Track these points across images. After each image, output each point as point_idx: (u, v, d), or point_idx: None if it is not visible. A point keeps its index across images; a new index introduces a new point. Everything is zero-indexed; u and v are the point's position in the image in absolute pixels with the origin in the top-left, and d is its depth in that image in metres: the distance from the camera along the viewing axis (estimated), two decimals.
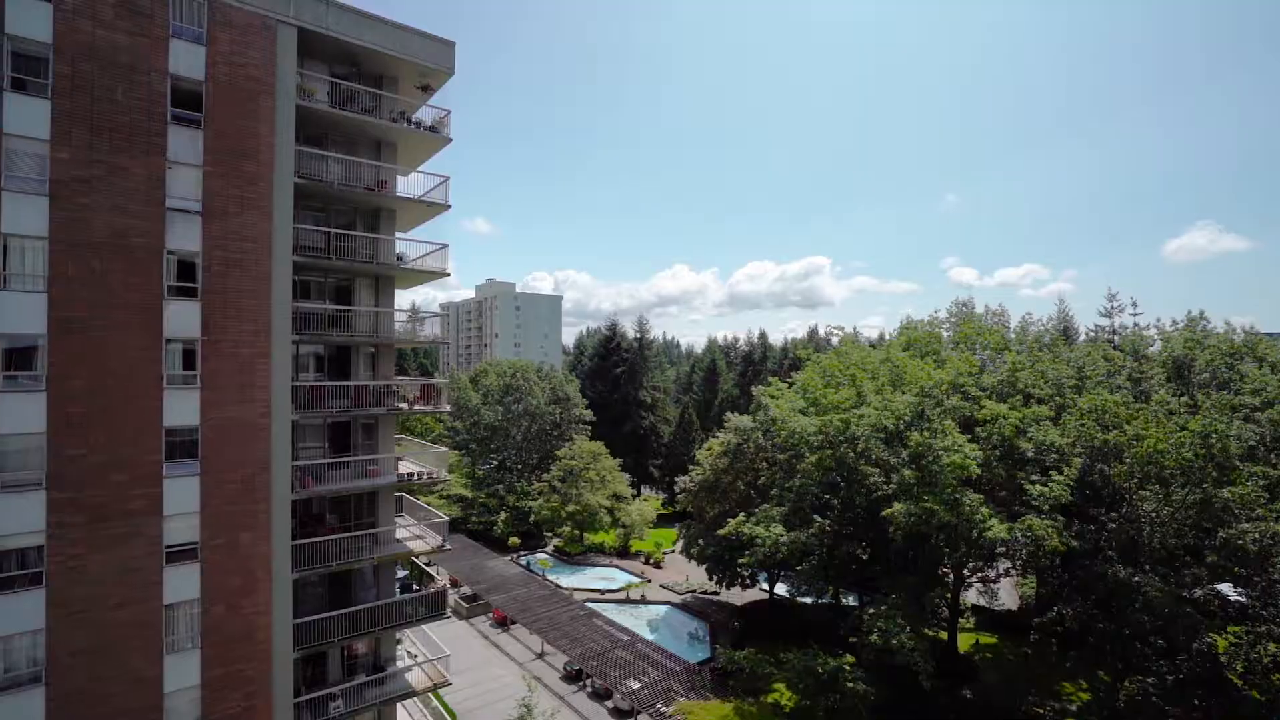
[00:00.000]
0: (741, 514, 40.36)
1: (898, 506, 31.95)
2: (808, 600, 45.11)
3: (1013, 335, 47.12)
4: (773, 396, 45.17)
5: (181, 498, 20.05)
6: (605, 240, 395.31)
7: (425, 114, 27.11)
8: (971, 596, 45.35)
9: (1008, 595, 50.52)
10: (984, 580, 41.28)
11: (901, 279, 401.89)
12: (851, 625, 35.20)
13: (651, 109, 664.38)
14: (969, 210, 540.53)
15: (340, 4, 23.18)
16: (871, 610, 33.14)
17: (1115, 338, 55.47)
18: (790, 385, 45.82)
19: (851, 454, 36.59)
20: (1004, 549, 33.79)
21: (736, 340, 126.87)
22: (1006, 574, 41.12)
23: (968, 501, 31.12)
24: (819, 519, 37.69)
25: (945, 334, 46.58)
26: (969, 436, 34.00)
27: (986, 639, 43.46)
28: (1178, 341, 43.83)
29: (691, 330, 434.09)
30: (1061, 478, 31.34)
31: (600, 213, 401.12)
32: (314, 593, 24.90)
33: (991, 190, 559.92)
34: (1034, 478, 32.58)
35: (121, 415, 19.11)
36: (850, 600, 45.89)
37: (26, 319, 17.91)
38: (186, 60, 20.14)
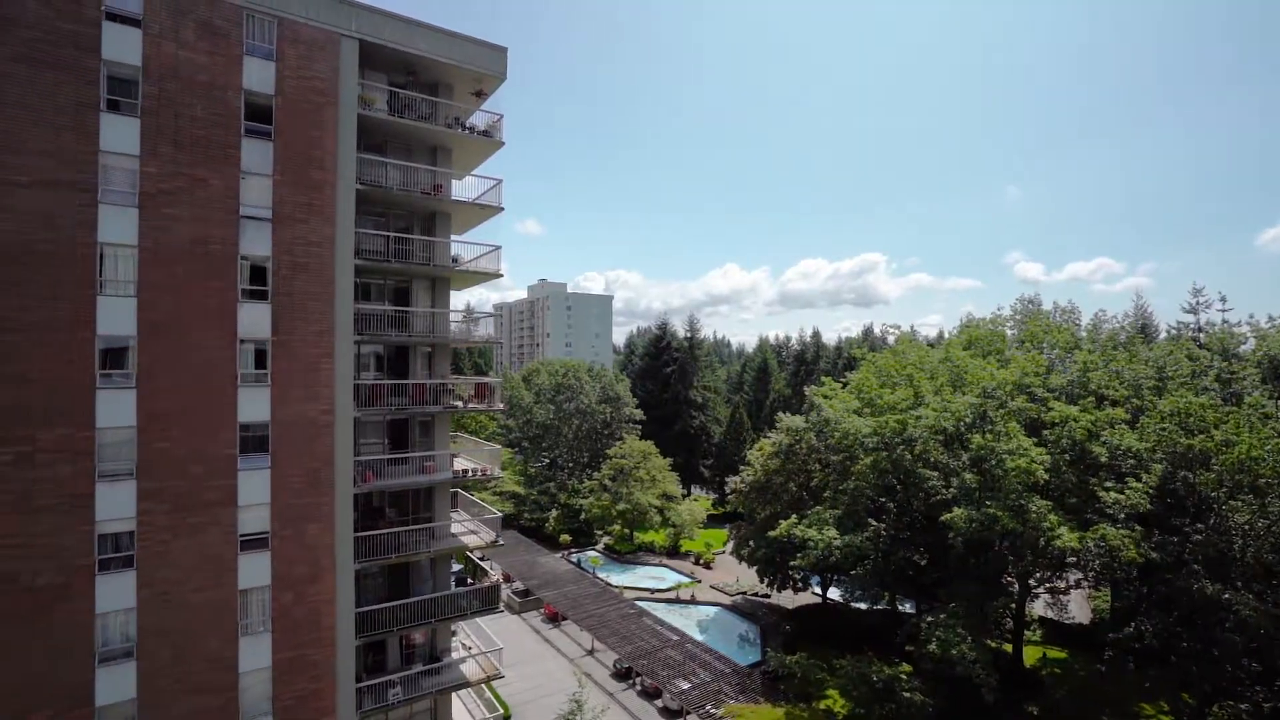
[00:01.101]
0: (793, 516, 39.69)
1: (958, 512, 30.76)
2: (862, 606, 43.96)
3: (1084, 333, 44.60)
4: (826, 397, 44.24)
5: (254, 490, 21.24)
6: (655, 240, 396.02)
7: (478, 119, 27.81)
8: (1038, 608, 43.19)
9: (1079, 608, 47.87)
10: (1053, 591, 39.21)
11: (961, 275, 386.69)
12: (908, 633, 34.09)
13: (700, 106, 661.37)
14: (1033, 203, 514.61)
15: (398, 15, 24.03)
16: (930, 619, 32.00)
17: (1201, 335, 51.73)
18: (844, 385, 44.77)
19: (908, 456, 35.45)
20: (1075, 559, 32.03)
21: (788, 339, 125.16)
22: (1078, 585, 38.88)
23: (1034, 508, 29.66)
24: (874, 523, 36.69)
25: (1009, 332, 44.50)
26: (1035, 440, 32.40)
27: (1055, 653, 41.32)
28: (1276, 340, 40.48)
29: (742, 329, 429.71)
30: (1140, 485, 29.49)
31: (650, 212, 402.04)
32: (374, 583, 25.91)
33: (1057, 181, 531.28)
34: (1108, 484, 30.78)
35: (201, 411, 20.39)
36: (907, 607, 44.49)
37: (120, 322, 19.32)
38: (258, 76, 21.31)
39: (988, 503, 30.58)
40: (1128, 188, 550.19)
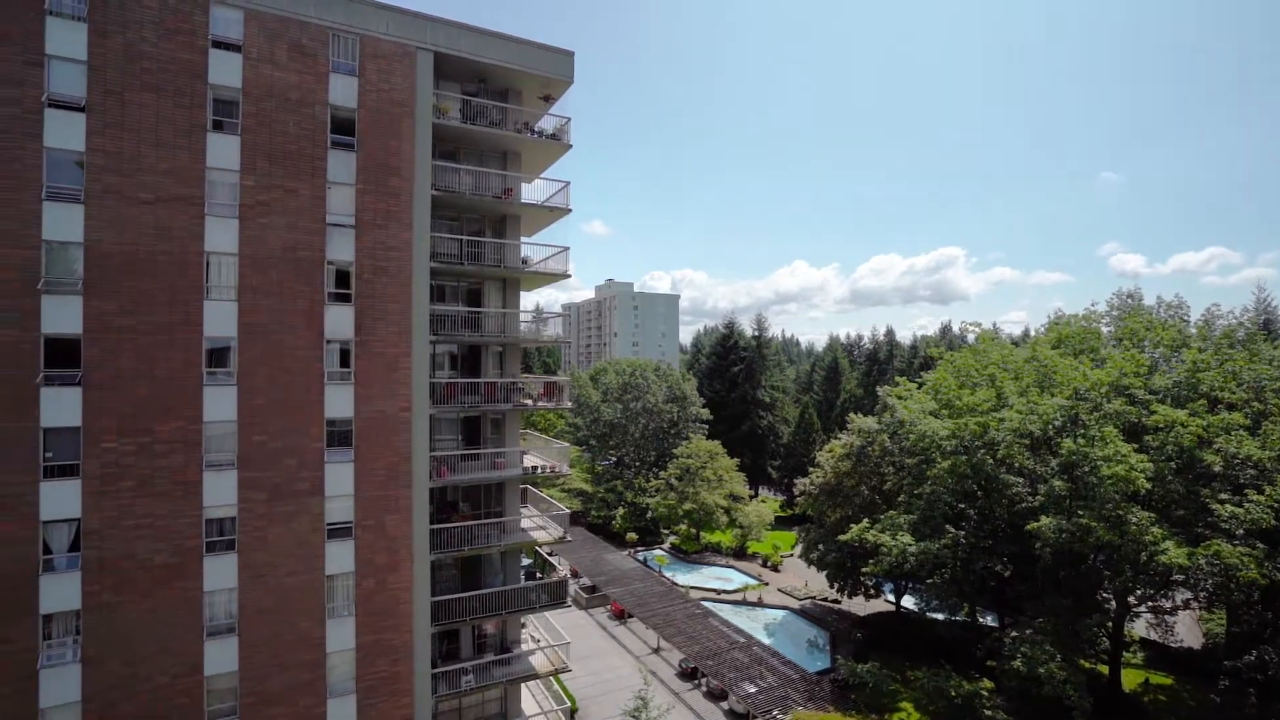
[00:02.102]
0: (865, 520, 38.42)
1: (1046, 521, 28.87)
2: (939, 616, 42.03)
3: (1193, 330, 40.81)
4: (900, 397, 42.56)
5: (339, 482, 22.57)
6: (722, 238, 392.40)
7: (547, 123, 28.41)
8: (1140, 628, 39.90)
9: (1188, 631, 43.93)
10: (1156, 611, 36.10)
11: (1049, 269, 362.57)
12: (990, 647, 32.30)
13: (766, 102, 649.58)
14: (1132, 189, 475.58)
15: (471, 26, 24.91)
16: (1014, 633, 30.24)
17: None
18: (920, 385, 42.93)
19: (990, 461, 33.58)
20: (1183, 577, 29.39)
21: (860, 338, 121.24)
22: (1186, 606, 35.65)
23: (1134, 519, 27.45)
24: (952, 530, 34.97)
25: (1105, 329, 41.27)
26: (1135, 446, 29.94)
27: (1159, 679, 38.08)
28: None
29: (811, 328, 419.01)
30: (1261, 498, 26.75)
31: (717, 211, 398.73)
32: (448, 574, 26.97)
33: (1160, 165, 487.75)
34: (1222, 496, 28.06)
35: (292, 407, 21.86)
36: (989, 620, 42.22)
37: (222, 324, 20.99)
38: (342, 91, 22.62)
39: (1080, 512, 28.54)
40: (1247, 167, 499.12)
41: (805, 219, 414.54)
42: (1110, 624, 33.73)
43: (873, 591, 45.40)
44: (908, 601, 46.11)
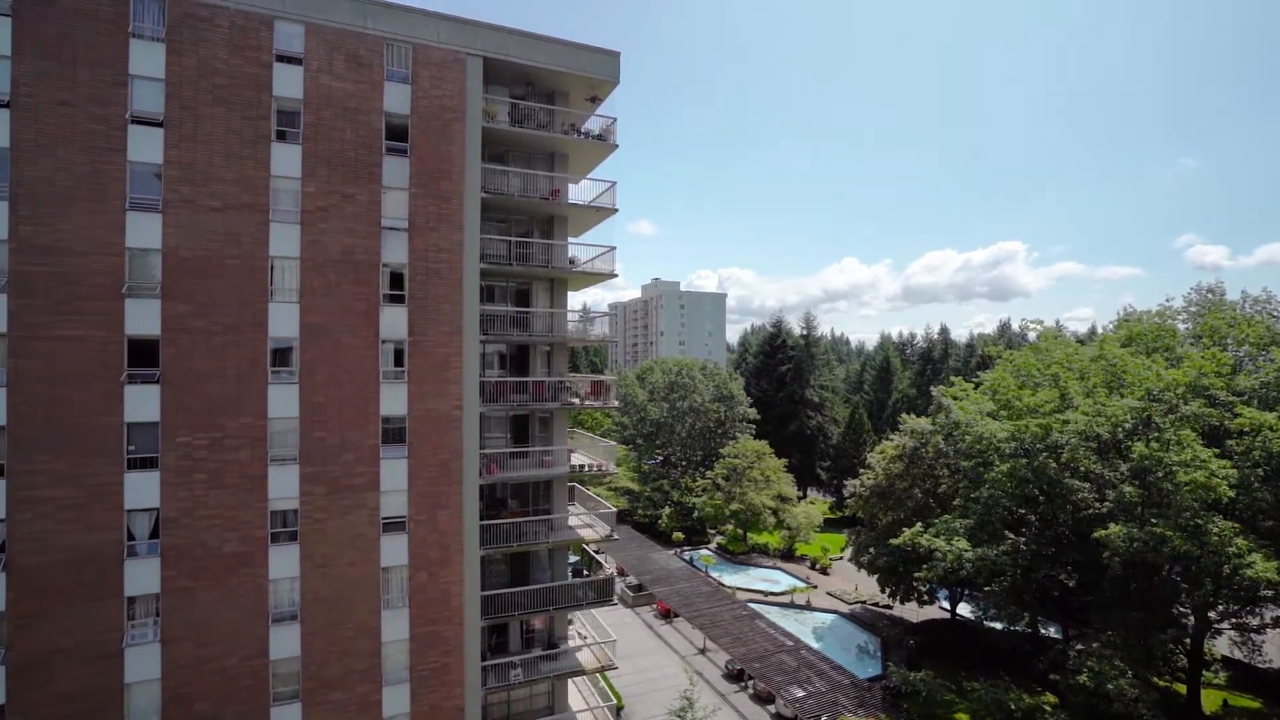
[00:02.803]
0: (918, 524, 37.28)
1: (1115, 529, 27.38)
2: (997, 625, 40.38)
3: None
4: (955, 398, 41.11)
5: (394, 477, 23.33)
6: (770, 236, 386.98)
7: (593, 123, 28.63)
8: (1222, 646, 37.36)
9: (1279, 651, 40.88)
10: (1241, 628, 33.72)
11: (1118, 263, 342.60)
12: (1054, 660, 30.83)
13: (815, 96, 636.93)
14: (1214, 176, 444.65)
15: (519, 31, 25.32)
16: (1081, 646, 28.80)
17: None
18: (976, 386, 41.34)
19: (1053, 465, 32.04)
20: (1272, 592, 27.39)
21: (913, 337, 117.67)
22: (1277, 624, 33.19)
23: (1215, 529, 25.73)
24: (1012, 536, 33.55)
25: (1181, 326, 38.80)
26: (1216, 451, 28.05)
27: (1244, 701, 35.58)
28: None
29: (862, 326, 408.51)
30: None
31: (763, 209, 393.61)
32: (497, 570, 27.53)
33: (1245, 149, 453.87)
34: None
35: (350, 404, 22.72)
36: (1051, 631, 40.36)
37: (285, 324, 21.99)
38: (396, 98, 23.35)
39: (1153, 520, 26.97)
40: None
41: (856, 215, 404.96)
42: (1188, 640, 31.71)
43: (926, 598, 44.03)
44: (964, 609, 44.52)
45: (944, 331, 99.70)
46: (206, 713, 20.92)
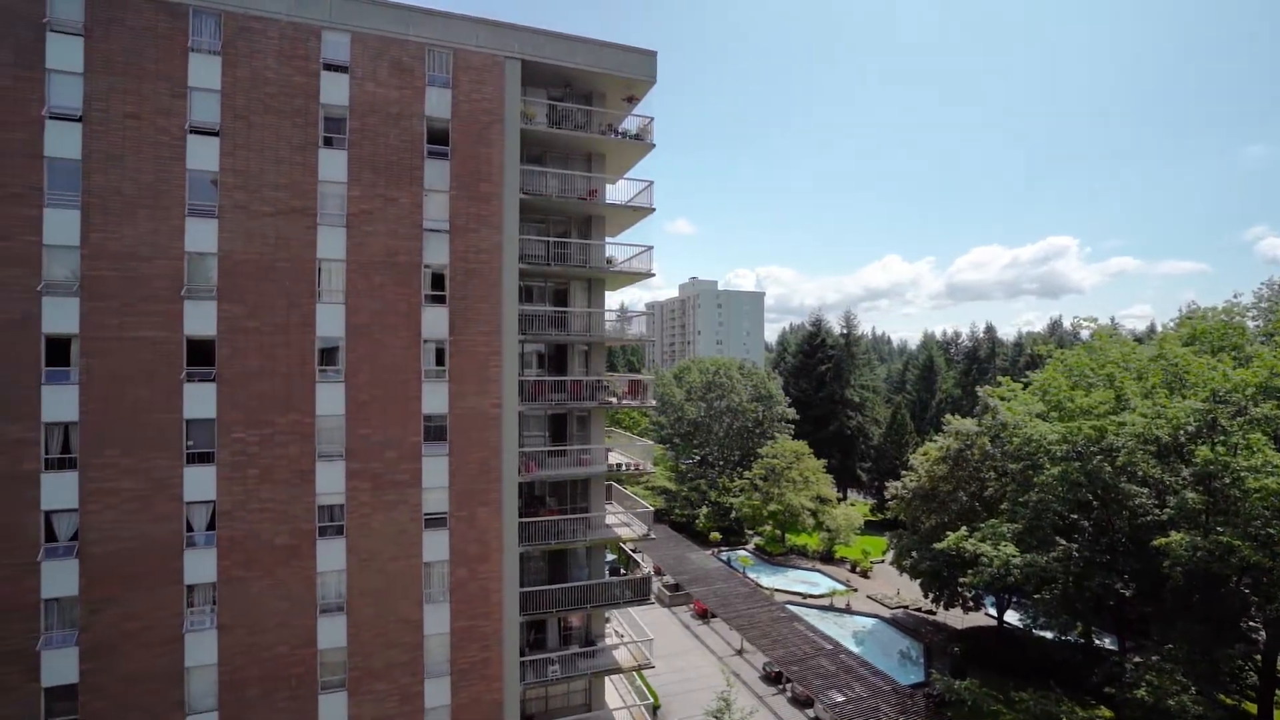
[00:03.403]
0: (963, 528, 36.22)
1: (1176, 537, 26.06)
2: (1047, 635, 38.91)
3: None
4: (1003, 398, 39.75)
5: (435, 474, 23.85)
6: (808, 234, 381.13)
7: (630, 123, 28.66)
8: None
9: None
10: None
11: (1179, 257, 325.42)
12: (1109, 673, 29.56)
13: (852, 88, 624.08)
14: None
15: (557, 33, 25.54)
16: (1139, 659, 27.55)
17: None
18: (1025, 386, 39.89)
19: (1108, 468, 30.68)
20: None
21: (958, 335, 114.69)
22: None
23: None
24: (1063, 542, 32.29)
25: (1251, 324, 36.62)
26: None
27: None
28: None
29: (904, 325, 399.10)
30: None
31: (802, 206, 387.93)
32: (535, 567, 27.86)
33: None
34: None
35: (393, 403, 23.32)
36: (1106, 642, 38.74)
37: (332, 324, 22.71)
38: (437, 103, 23.85)
39: (1219, 529, 25.58)
40: None
41: (898, 211, 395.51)
42: (1259, 657, 29.97)
43: (972, 604, 42.77)
44: (1011, 617, 43.06)
45: (990, 330, 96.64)
46: (259, 698, 21.77)
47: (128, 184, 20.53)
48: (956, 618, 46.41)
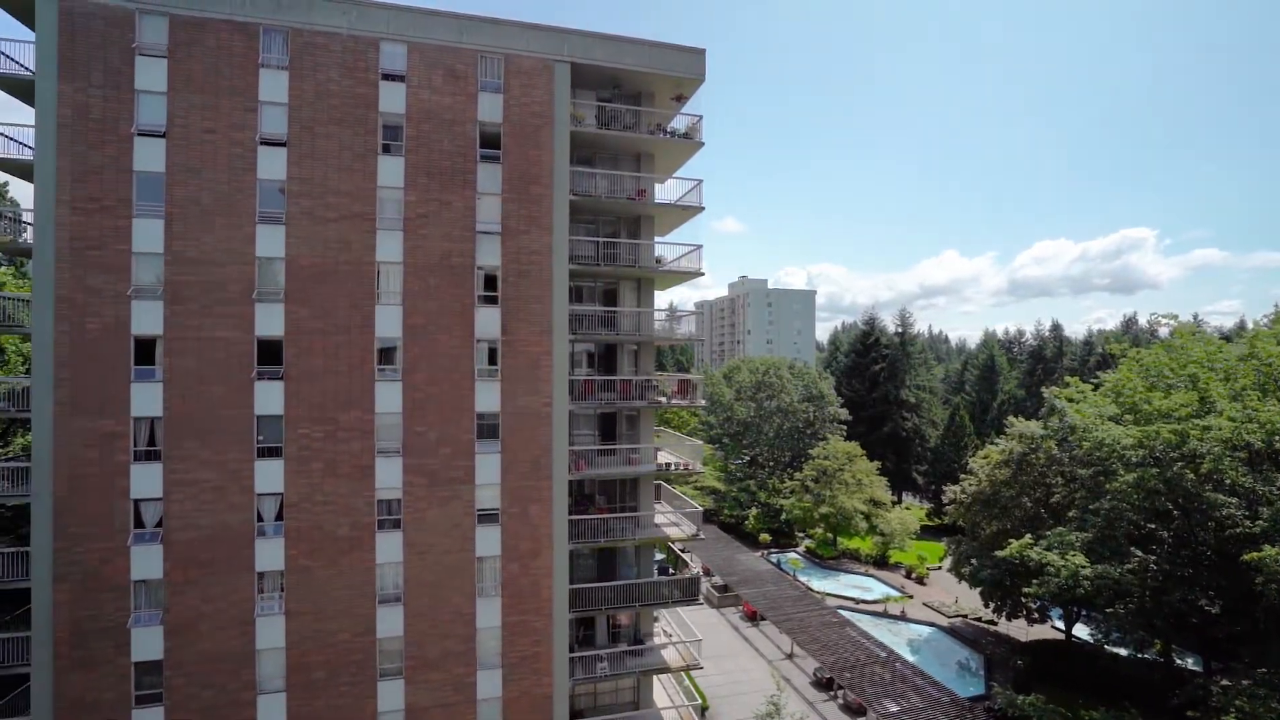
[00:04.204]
0: (1027, 535, 34.57)
1: (1270, 551, 24.17)
2: (1121, 651, 36.76)
3: None
4: (1071, 400, 37.80)
5: (487, 471, 24.42)
6: (862, 230, 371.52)
7: (679, 122, 28.60)
8: None
9: None
10: None
11: (1272, 248, 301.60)
12: (1192, 696, 27.65)
13: (904, 73, 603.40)
14: None
15: (606, 35, 25.74)
16: (1226, 682, 25.69)
17: None
18: (1096, 387, 37.82)
19: (1190, 476, 28.73)
20: None
21: (1021, 334, 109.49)
22: None
23: None
24: (1139, 553, 30.40)
25: None
26: None
27: None
28: None
29: (963, 323, 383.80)
30: None
31: (856, 202, 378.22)
32: (585, 564, 28.14)
33: None
34: None
35: (447, 401, 23.99)
36: (1189, 662, 36.31)
37: (389, 325, 23.54)
38: (488, 107, 24.41)
39: None
40: None
41: (956, 204, 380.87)
42: None
43: (1036, 615, 40.78)
44: (1080, 631, 40.88)
45: (1057, 328, 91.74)
46: (324, 681, 22.80)
47: (205, 194, 21.83)
48: (1020, 629, 44.40)
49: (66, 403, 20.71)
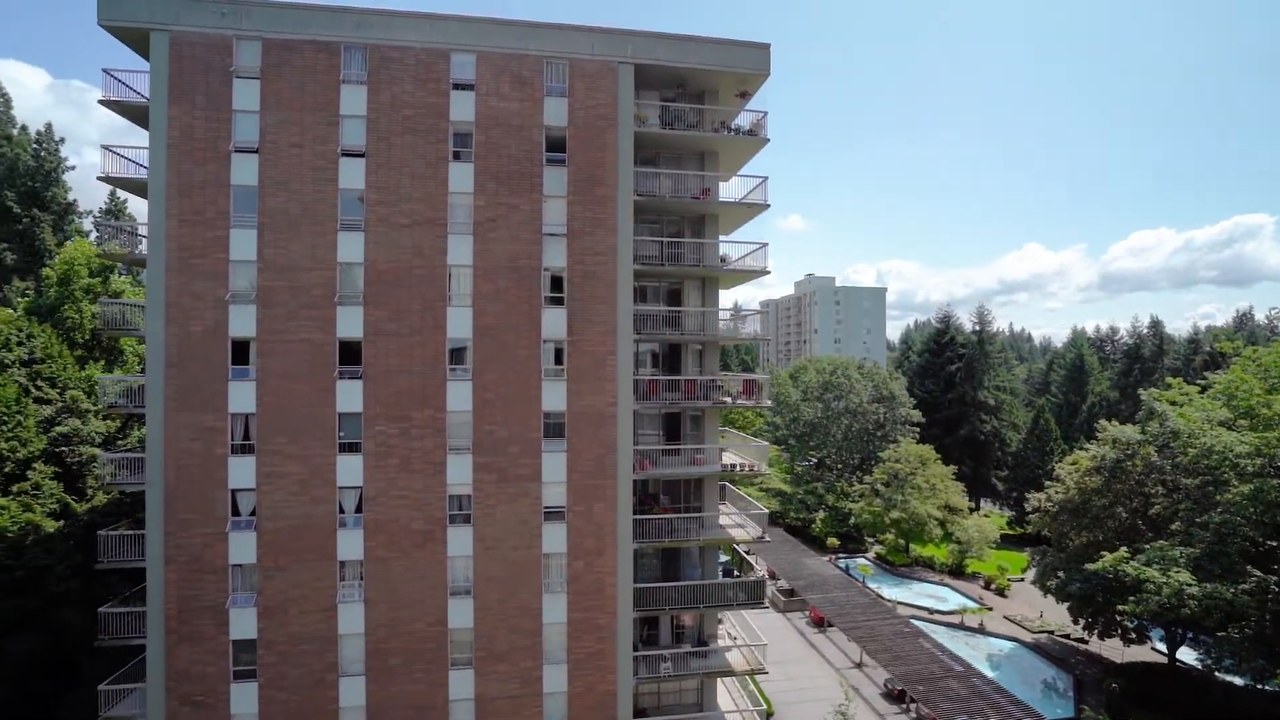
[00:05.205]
0: (1123, 548, 32.18)
1: None
2: (1236, 680, 33.59)
3: None
4: (1174, 402, 34.93)
5: (554, 469, 24.89)
6: (934, 224, 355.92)
7: (743, 119, 28.23)
8: None
9: None
10: None
11: None
12: None
13: (981, 53, 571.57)
14: None
15: (667, 34, 25.72)
16: None
17: None
18: (1204, 389, 34.75)
19: None
20: None
21: (1114, 331, 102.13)
22: None
23: None
24: (1257, 572, 27.71)
25: None
26: None
27: None
28: None
29: (1048, 321, 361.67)
30: None
31: (928, 195, 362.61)
32: (649, 564, 28.22)
33: None
34: None
35: (516, 400, 24.60)
36: None
37: (460, 326, 24.36)
38: (554, 112, 24.84)
39: None
40: None
41: (1040, 194, 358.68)
42: None
43: (1134, 635, 37.84)
44: (1186, 654, 37.62)
45: (1156, 324, 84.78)
46: (400, 668, 23.85)
47: (292, 204, 23.25)
48: (1114, 649, 41.31)
49: (174, 399, 22.56)
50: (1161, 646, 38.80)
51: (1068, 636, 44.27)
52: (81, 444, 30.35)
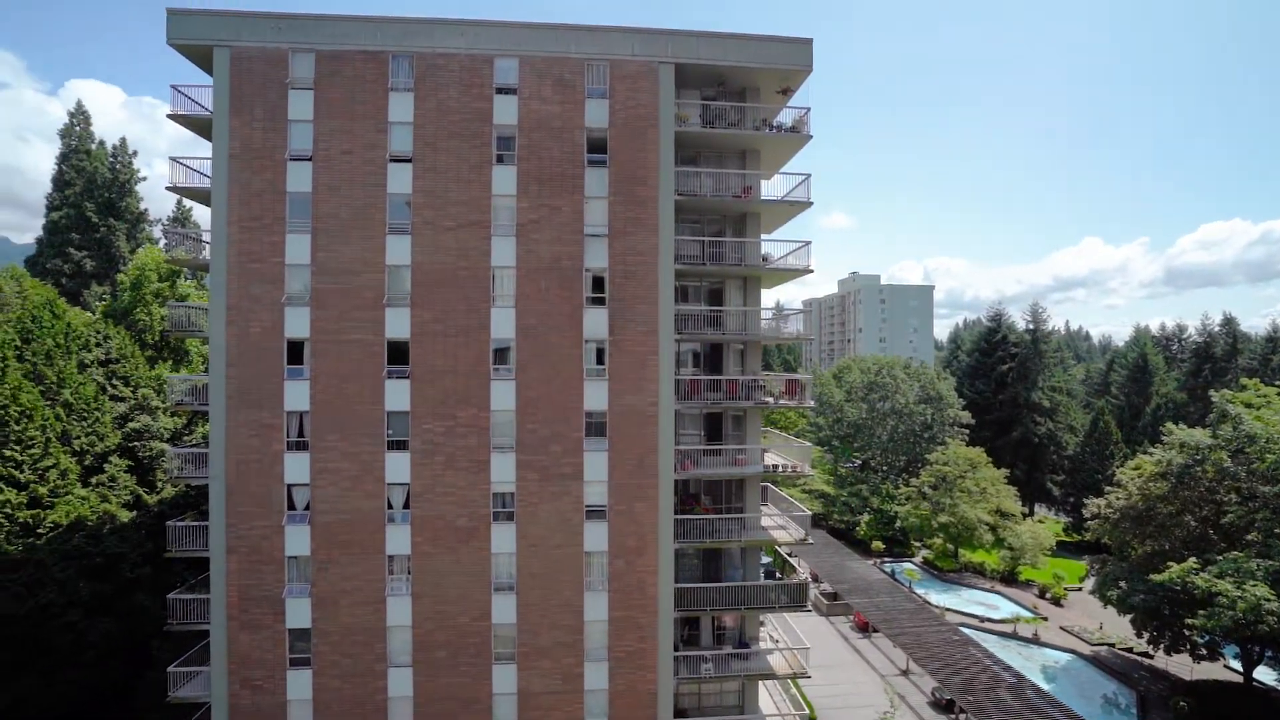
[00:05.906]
0: (1191, 559, 30.52)
1: None
2: None
3: None
4: (1249, 405, 32.98)
5: (595, 468, 25.06)
6: (985, 219, 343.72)
7: (785, 116, 27.89)
8: None
9: None
10: None
11: None
12: None
13: (1036, 37, 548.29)
14: None
15: (707, 33, 25.55)
16: None
17: None
18: None
19: None
20: None
21: (1182, 329, 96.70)
22: None
23: None
24: None
25: None
26: None
27: None
28: None
29: (1107, 318, 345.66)
30: None
31: (978, 189, 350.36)
32: (690, 564, 28.12)
33: None
34: None
35: (558, 400, 24.87)
36: None
37: (503, 327, 24.76)
38: (595, 113, 24.99)
39: None
40: None
41: (1098, 187, 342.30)
42: None
43: (1204, 652, 35.82)
44: (1265, 674, 35.42)
45: (1229, 321, 79.73)
46: (445, 660, 24.41)
47: (344, 209, 24.04)
48: (1183, 665, 39.19)
49: (235, 397, 23.61)
50: (1236, 664, 36.65)
51: (1130, 650, 42.28)
52: (152, 439, 32.13)
